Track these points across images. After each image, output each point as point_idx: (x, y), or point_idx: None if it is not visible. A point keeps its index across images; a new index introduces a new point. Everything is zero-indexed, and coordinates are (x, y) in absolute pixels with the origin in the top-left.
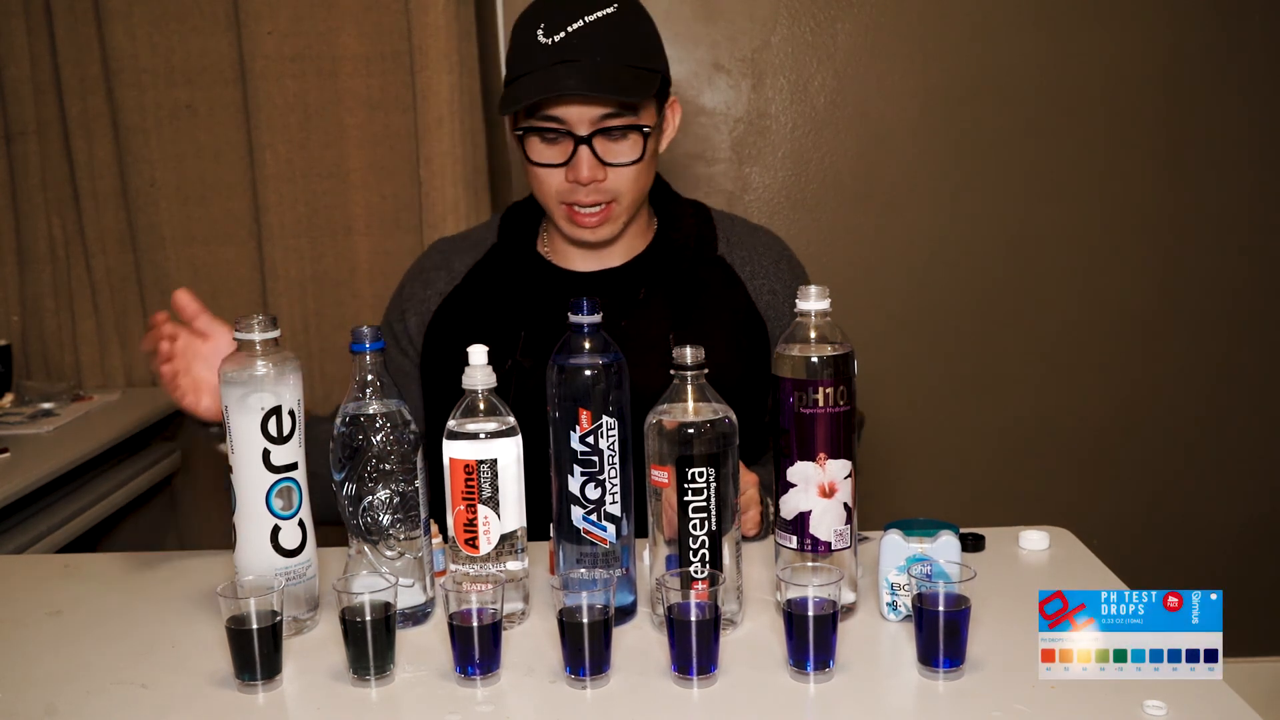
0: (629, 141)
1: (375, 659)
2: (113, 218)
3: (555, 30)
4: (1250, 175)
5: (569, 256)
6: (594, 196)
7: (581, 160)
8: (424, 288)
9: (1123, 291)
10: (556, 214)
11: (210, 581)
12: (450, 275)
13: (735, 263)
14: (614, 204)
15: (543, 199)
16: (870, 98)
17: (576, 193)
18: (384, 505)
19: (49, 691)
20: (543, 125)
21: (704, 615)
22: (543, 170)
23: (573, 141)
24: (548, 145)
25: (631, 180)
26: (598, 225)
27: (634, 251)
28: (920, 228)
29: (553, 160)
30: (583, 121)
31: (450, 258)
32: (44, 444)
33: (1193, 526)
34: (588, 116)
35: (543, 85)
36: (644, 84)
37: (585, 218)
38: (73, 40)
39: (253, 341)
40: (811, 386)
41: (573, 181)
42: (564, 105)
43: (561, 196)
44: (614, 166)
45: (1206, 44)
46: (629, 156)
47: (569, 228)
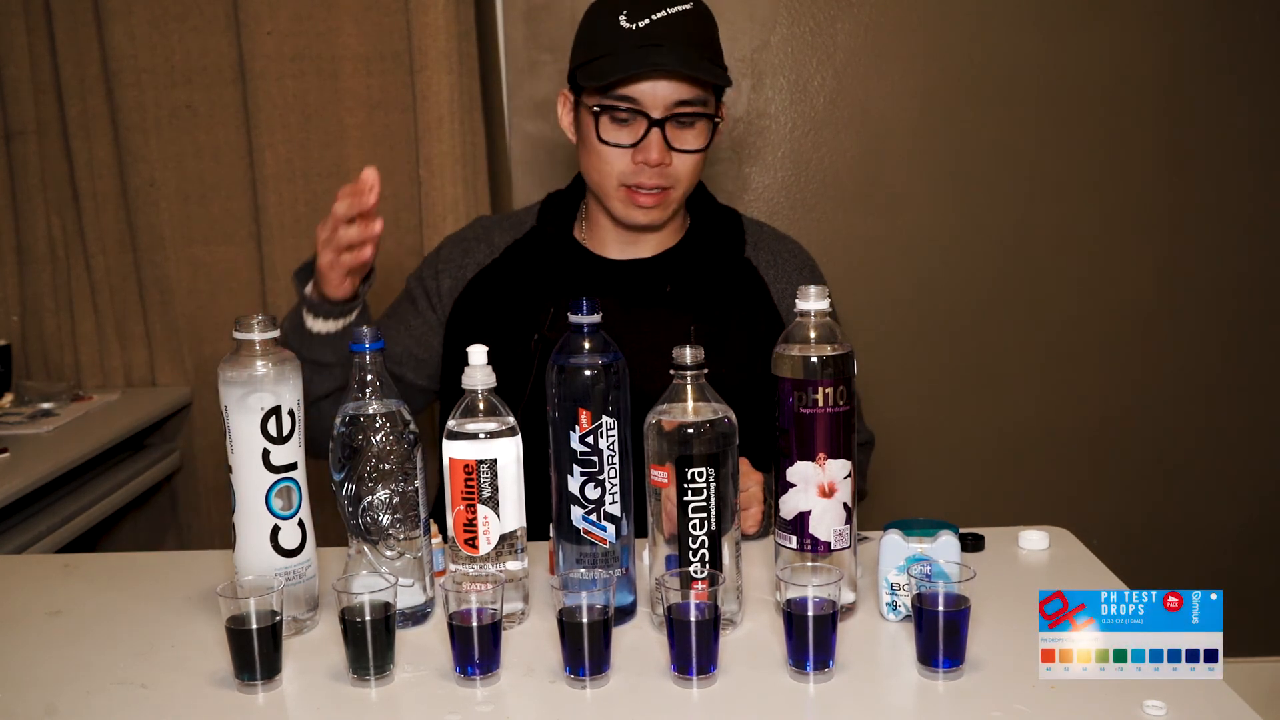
0: (696, 130)
1: (375, 659)
2: (112, 218)
3: (640, 17)
4: (1250, 175)
5: (604, 243)
6: (656, 180)
7: (652, 143)
8: (463, 255)
9: (1122, 291)
10: (613, 196)
11: (210, 581)
12: (490, 249)
13: (760, 266)
14: (672, 190)
15: (601, 179)
16: (870, 98)
17: (641, 174)
18: (384, 505)
19: (49, 691)
20: (618, 104)
21: (704, 615)
22: (611, 150)
23: (645, 124)
24: (618, 126)
25: (691, 169)
26: (653, 207)
27: (665, 245)
28: (920, 228)
29: (623, 140)
30: (659, 105)
31: (491, 233)
32: (44, 444)
33: (1193, 526)
34: (665, 100)
35: (638, 62)
36: (722, 75)
37: (644, 198)
38: (73, 40)
39: (253, 341)
40: (811, 386)
41: (640, 163)
42: (648, 86)
43: (624, 178)
44: (680, 153)
45: (1206, 44)
46: (696, 144)
47: (625, 209)
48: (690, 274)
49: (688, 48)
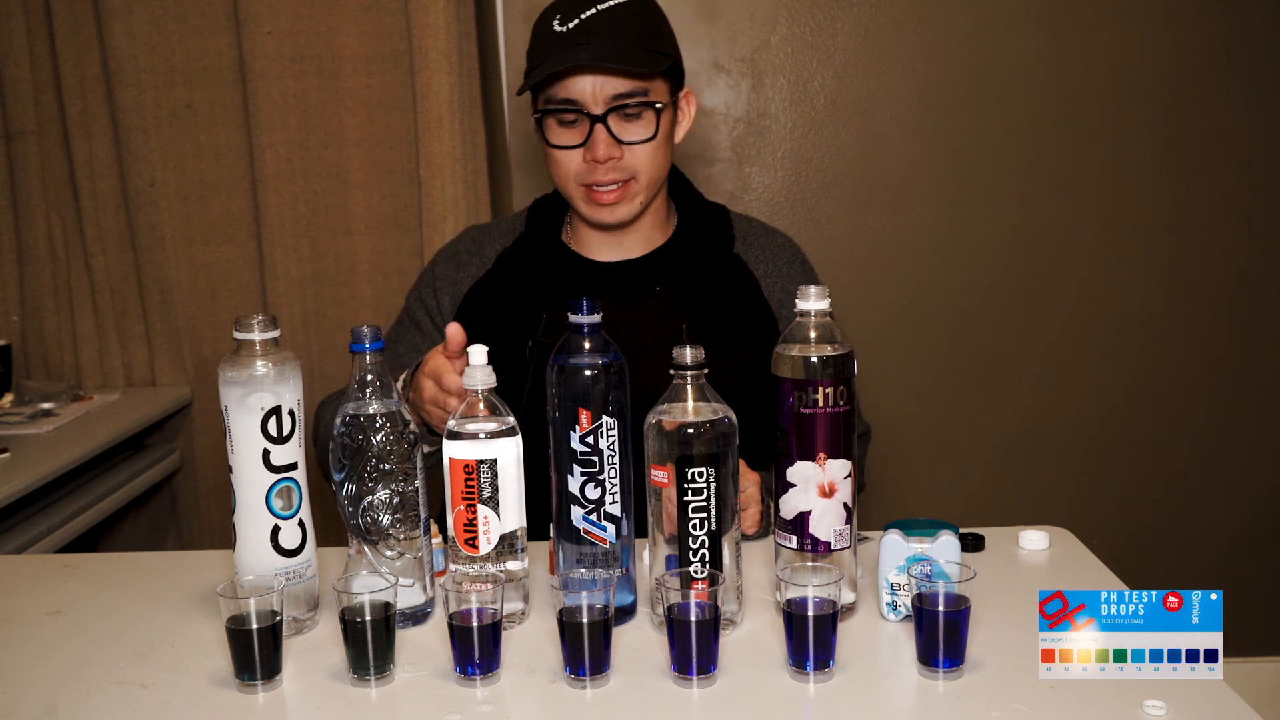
0: (643, 120)
1: (375, 659)
2: (112, 217)
3: (570, 18)
4: (1250, 175)
5: (591, 246)
6: (612, 175)
7: (598, 139)
8: (457, 269)
9: (1122, 291)
10: (576, 197)
11: (210, 581)
12: (482, 261)
13: (750, 261)
14: (632, 182)
15: (562, 183)
16: (870, 98)
17: (595, 172)
18: (384, 505)
19: (49, 691)
20: (559, 107)
21: (704, 615)
22: (561, 153)
23: (589, 122)
24: (565, 128)
25: (648, 158)
26: (616, 203)
27: (653, 244)
28: (920, 227)
29: (570, 142)
30: (597, 100)
31: (482, 244)
32: (44, 444)
33: (1193, 526)
34: (602, 95)
35: (559, 61)
36: (653, 62)
37: (603, 195)
38: (73, 40)
39: (253, 341)
40: (811, 386)
41: (590, 161)
42: (578, 83)
43: (580, 178)
44: (629, 144)
45: (1206, 44)
46: (644, 134)
47: (588, 209)
48: (680, 272)
49: (616, 40)
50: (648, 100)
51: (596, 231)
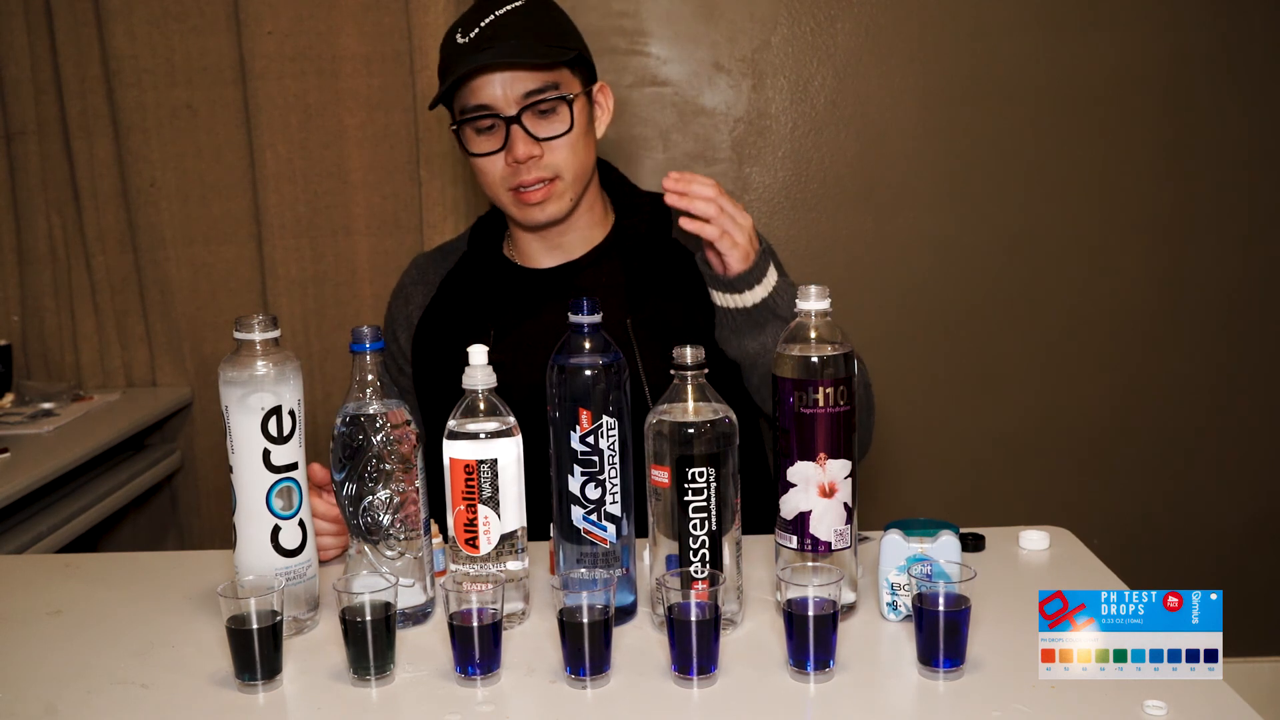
0: (558, 115)
1: (375, 659)
2: (113, 218)
3: (470, 28)
4: (1250, 175)
5: (532, 254)
6: (535, 173)
7: (515, 139)
8: (405, 304)
9: (1122, 291)
10: (505, 202)
11: (210, 581)
12: (427, 288)
13: (689, 243)
14: (557, 180)
15: (490, 191)
16: (870, 98)
17: (519, 174)
18: (384, 505)
19: (49, 691)
20: (473, 114)
21: (704, 615)
22: (483, 161)
23: (504, 125)
24: (482, 135)
25: (568, 152)
26: (543, 201)
27: (592, 243)
28: (920, 228)
29: (489, 148)
30: (509, 101)
31: (426, 271)
32: (44, 444)
33: (1193, 526)
34: (512, 95)
35: (461, 67)
36: (555, 54)
37: (530, 195)
38: (73, 40)
39: (253, 341)
40: (811, 386)
41: (512, 163)
42: (487, 87)
43: (506, 182)
44: (548, 141)
45: (1206, 44)
46: (560, 128)
47: (519, 211)
48: (618, 266)
49: (517, 40)
50: (559, 94)
51: (535, 238)
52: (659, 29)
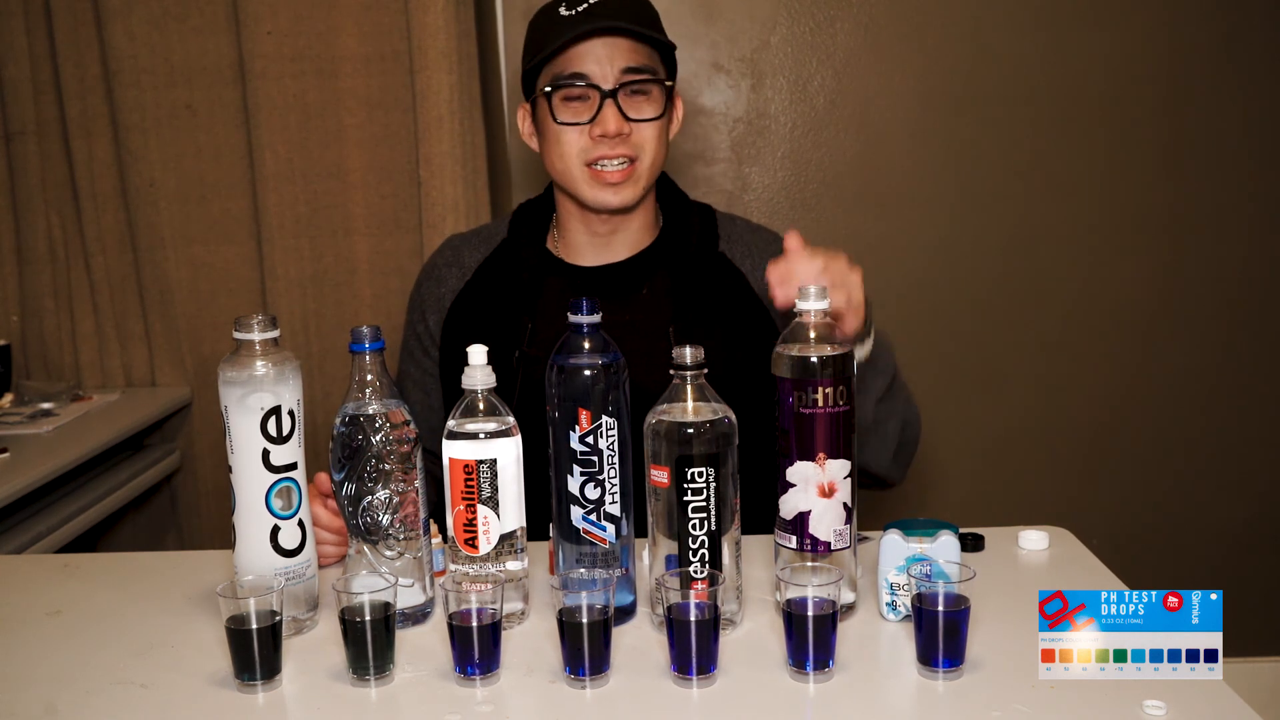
0: (651, 97)
1: (375, 659)
2: (112, 218)
3: (576, 3)
4: (1250, 175)
5: (577, 251)
6: (619, 149)
7: (608, 113)
8: (438, 285)
9: (1122, 291)
10: (579, 179)
11: (210, 581)
12: (461, 271)
13: (735, 257)
14: (637, 162)
15: (564, 163)
16: (870, 98)
17: (600, 148)
18: (384, 505)
19: (49, 691)
20: (567, 81)
21: (704, 615)
22: (566, 130)
23: (598, 97)
24: (572, 105)
25: (653, 139)
26: (621, 182)
27: (639, 247)
28: (920, 227)
29: (576, 118)
30: (608, 76)
31: (461, 253)
32: (44, 444)
33: (1193, 526)
34: (612, 71)
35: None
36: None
37: (609, 174)
38: (72, 40)
39: (253, 341)
40: (811, 386)
41: (599, 136)
42: (590, 56)
43: (585, 155)
44: (638, 122)
45: (1206, 44)
46: (652, 112)
47: (591, 191)
48: (666, 273)
49: (628, 15)
50: (658, 76)
51: (587, 231)
52: None
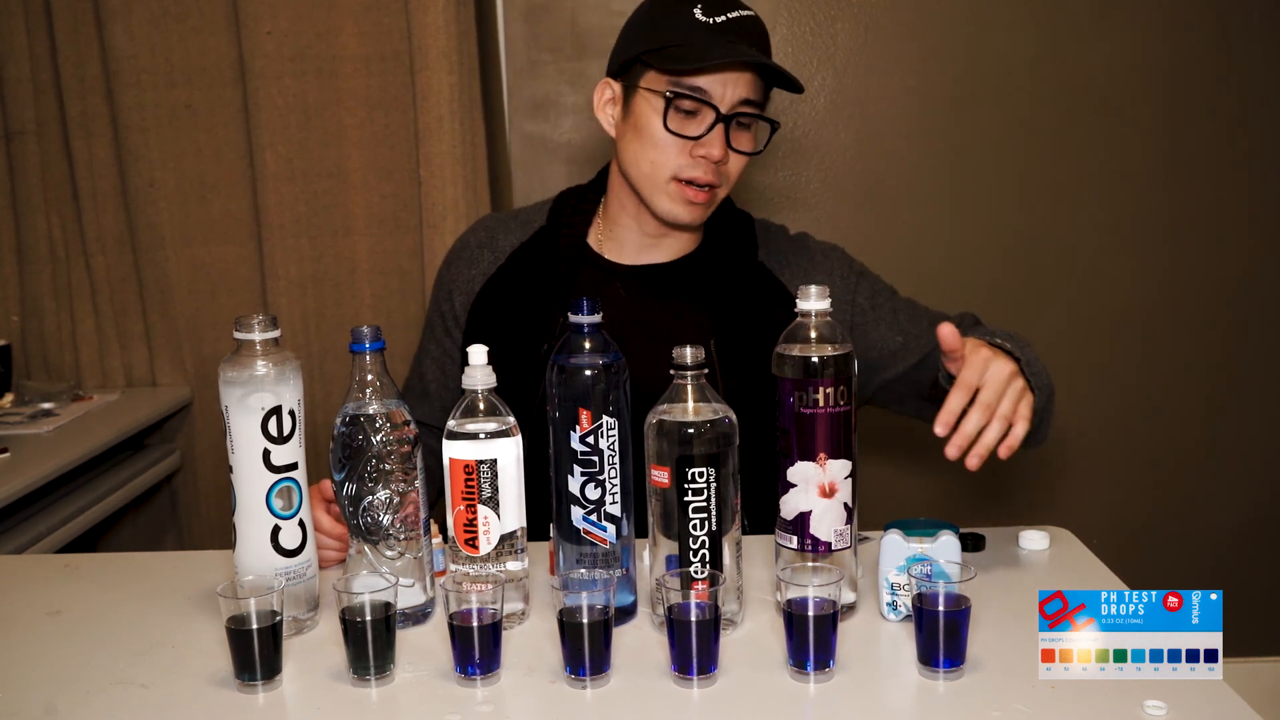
0: (754, 132)
1: (375, 659)
2: (112, 217)
3: (716, 13)
4: (1249, 175)
5: (619, 248)
6: (710, 176)
7: (716, 137)
8: (469, 266)
9: (1122, 291)
10: (662, 189)
11: (210, 581)
12: (494, 254)
13: (774, 267)
14: (719, 189)
15: (653, 171)
16: (870, 98)
17: (697, 168)
18: (384, 505)
19: (49, 691)
20: (690, 93)
21: (704, 615)
22: (671, 141)
23: (711, 117)
24: (684, 117)
25: (739, 171)
26: (702, 204)
27: (681, 252)
28: (920, 227)
29: (688, 132)
30: (727, 100)
31: (495, 235)
32: (44, 444)
33: (1193, 526)
34: (734, 96)
35: (724, 50)
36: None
37: (696, 193)
38: (73, 40)
39: (253, 341)
40: (811, 386)
41: (700, 156)
42: (722, 78)
43: (679, 171)
44: (737, 153)
45: (1206, 44)
46: (752, 146)
47: (672, 204)
48: (704, 282)
49: (760, 47)
50: (766, 114)
51: (637, 231)
52: None
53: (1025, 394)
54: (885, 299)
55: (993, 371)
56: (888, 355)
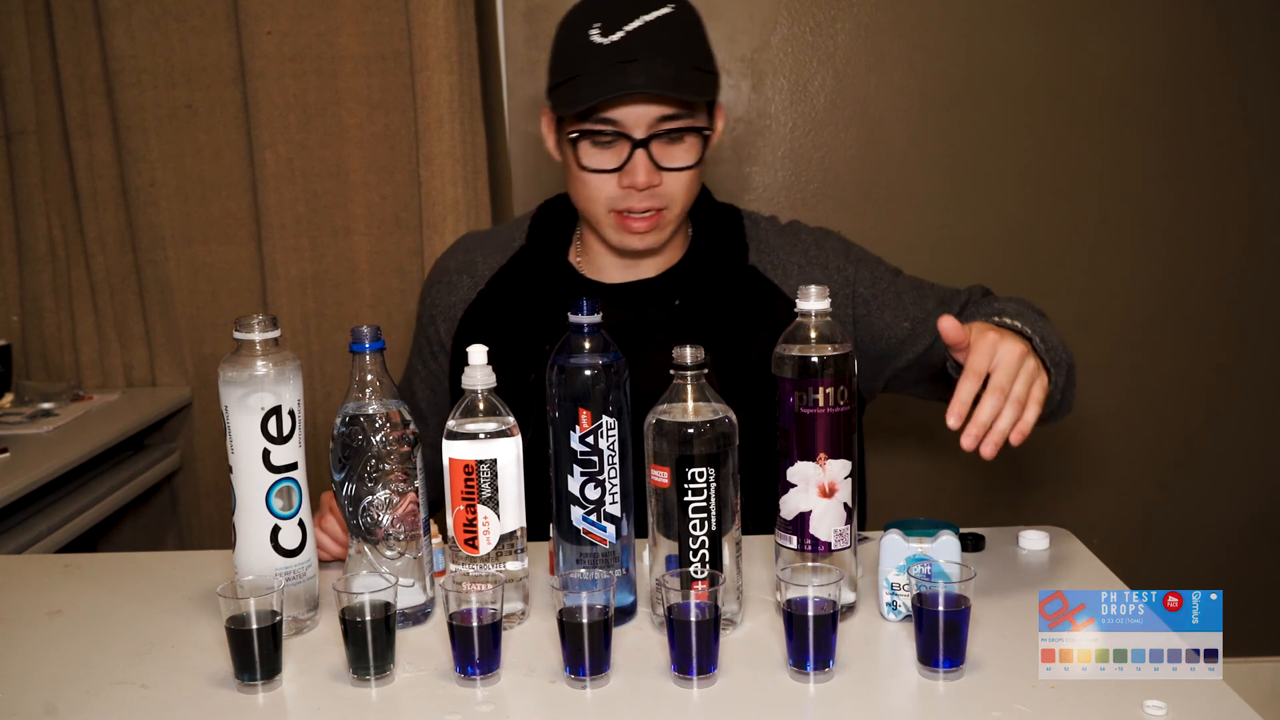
0: (685, 145)
1: (375, 659)
2: (112, 218)
3: (612, 29)
4: (1249, 175)
5: (602, 266)
6: (647, 202)
7: (638, 164)
8: (448, 293)
9: (1122, 290)
10: (604, 222)
11: (210, 581)
12: (474, 280)
13: (766, 269)
14: (665, 210)
15: (589, 206)
16: (870, 98)
17: (630, 199)
18: (384, 505)
19: (49, 691)
20: (598, 128)
21: (704, 615)
22: (595, 176)
23: (629, 145)
24: (600, 149)
25: (685, 186)
26: (648, 231)
27: (668, 263)
28: (920, 227)
29: (606, 165)
30: (641, 124)
31: (475, 258)
32: (44, 444)
33: (1193, 526)
34: (646, 119)
35: (608, 85)
36: (707, 85)
37: (637, 222)
38: (73, 40)
39: (253, 341)
40: (811, 386)
41: (627, 187)
42: (625, 107)
43: (613, 204)
44: (670, 171)
45: (1206, 43)
46: (686, 160)
47: (618, 235)
48: (697, 292)
49: (667, 60)
50: (693, 124)
51: (611, 255)
52: None
53: (1039, 375)
54: (887, 284)
55: (1002, 354)
56: (896, 343)
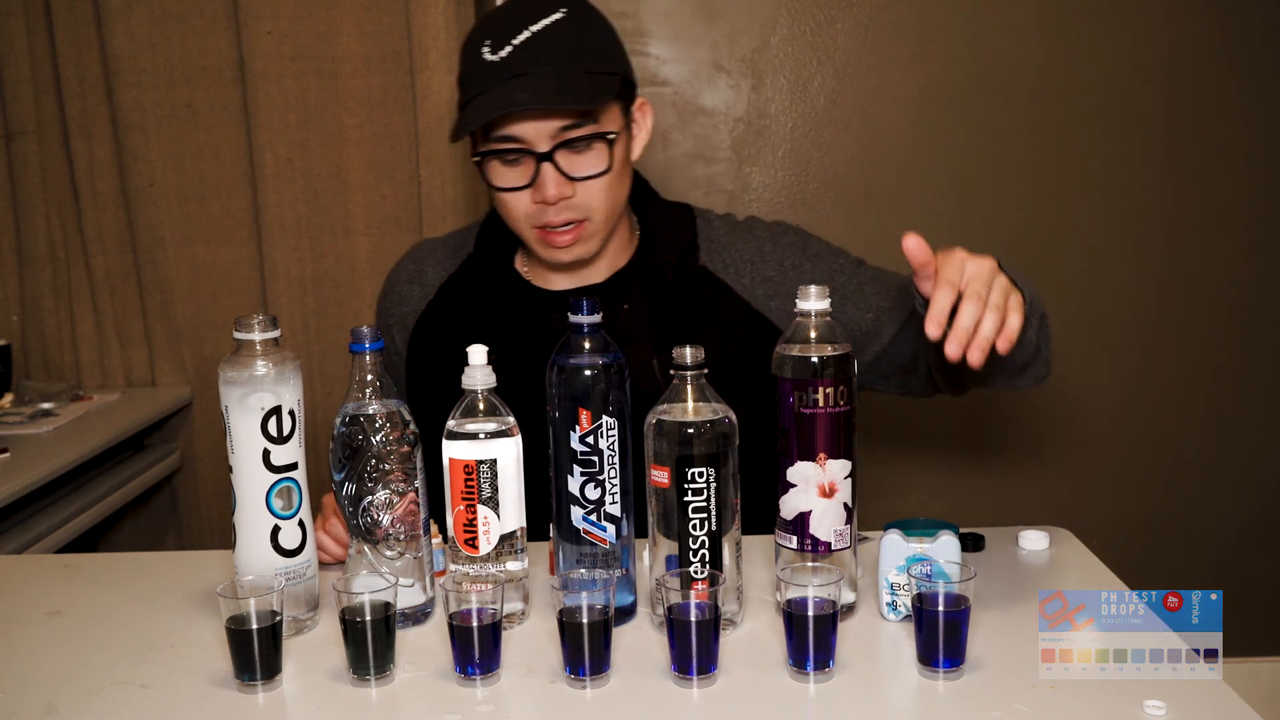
0: (594, 152)
1: (375, 659)
2: (112, 218)
3: (501, 46)
4: (1249, 174)
5: (548, 275)
6: (564, 215)
7: (546, 179)
8: (399, 304)
9: (1122, 290)
10: (529, 239)
11: (210, 581)
12: (424, 290)
13: (717, 269)
14: (586, 222)
15: (512, 224)
16: (870, 98)
17: (545, 214)
18: (384, 505)
19: (49, 691)
20: (500, 147)
21: (704, 615)
22: (510, 195)
23: (534, 160)
24: (509, 168)
25: (602, 194)
26: (571, 244)
27: (616, 267)
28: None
29: (516, 183)
30: (541, 137)
31: (424, 267)
32: (44, 444)
33: (1193, 526)
34: (546, 131)
35: (495, 103)
36: (601, 88)
37: (558, 236)
38: (73, 40)
39: (253, 341)
40: (811, 386)
41: (539, 203)
42: (519, 123)
43: (531, 220)
44: (581, 181)
45: (1206, 43)
46: (596, 168)
47: (543, 250)
48: (646, 296)
49: (557, 70)
50: (598, 130)
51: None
52: (658, 29)
53: (1013, 290)
54: (848, 276)
55: (972, 267)
56: (862, 336)
